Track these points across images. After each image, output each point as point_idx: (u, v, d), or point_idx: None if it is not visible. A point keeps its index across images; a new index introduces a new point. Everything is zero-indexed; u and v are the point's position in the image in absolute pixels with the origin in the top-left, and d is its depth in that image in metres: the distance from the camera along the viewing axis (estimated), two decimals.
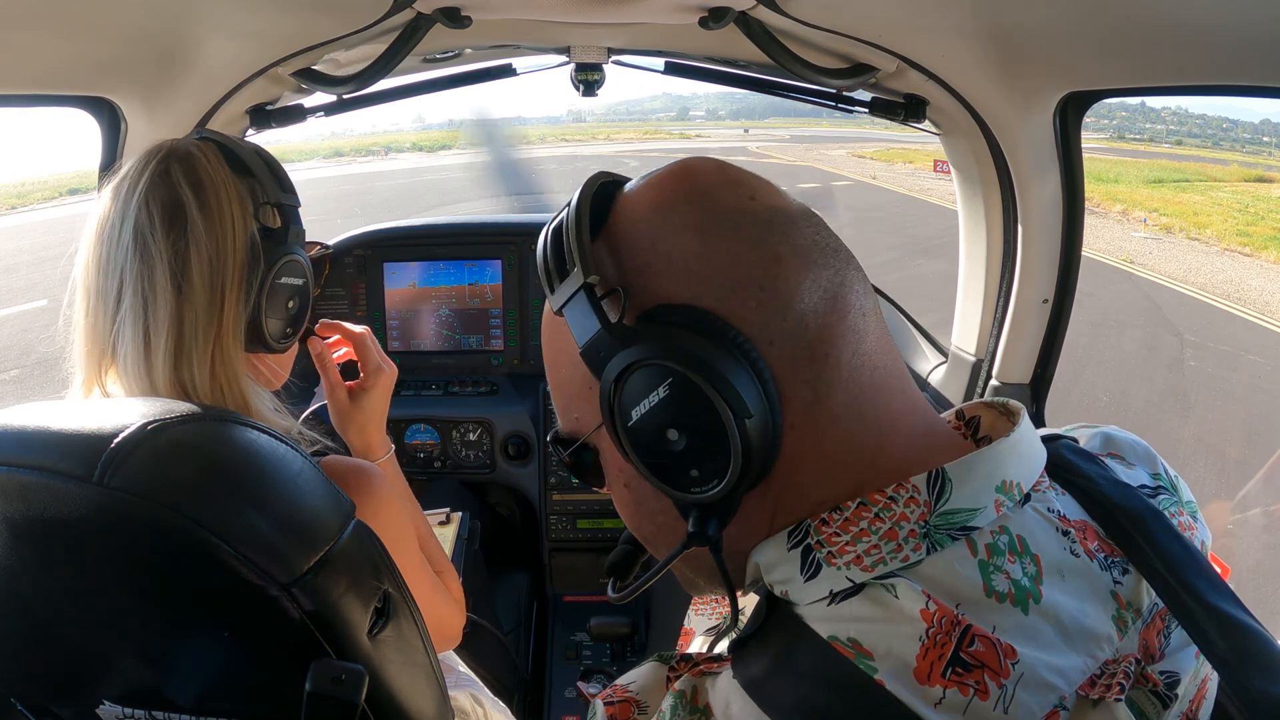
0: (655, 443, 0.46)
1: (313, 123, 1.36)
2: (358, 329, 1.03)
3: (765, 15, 1.01)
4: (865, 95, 1.30)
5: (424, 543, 0.97)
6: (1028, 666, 0.41)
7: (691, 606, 0.97)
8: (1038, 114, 1.09)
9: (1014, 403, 0.51)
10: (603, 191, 0.50)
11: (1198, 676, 0.49)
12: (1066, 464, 0.51)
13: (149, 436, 0.57)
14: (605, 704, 0.49)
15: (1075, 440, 0.55)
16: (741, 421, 0.43)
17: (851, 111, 1.38)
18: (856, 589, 0.44)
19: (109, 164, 1.11)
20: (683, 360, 0.43)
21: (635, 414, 0.45)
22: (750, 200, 0.47)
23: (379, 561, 0.67)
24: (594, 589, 1.80)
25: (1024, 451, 0.47)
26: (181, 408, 0.61)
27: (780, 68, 1.12)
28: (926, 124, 1.26)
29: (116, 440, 0.56)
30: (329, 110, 1.35)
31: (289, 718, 0.60)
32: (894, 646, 0.41)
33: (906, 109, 1.22)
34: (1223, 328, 6.47)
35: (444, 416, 1.73)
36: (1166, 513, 0.49)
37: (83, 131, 1.11)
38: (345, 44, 1.09)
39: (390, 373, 1.02)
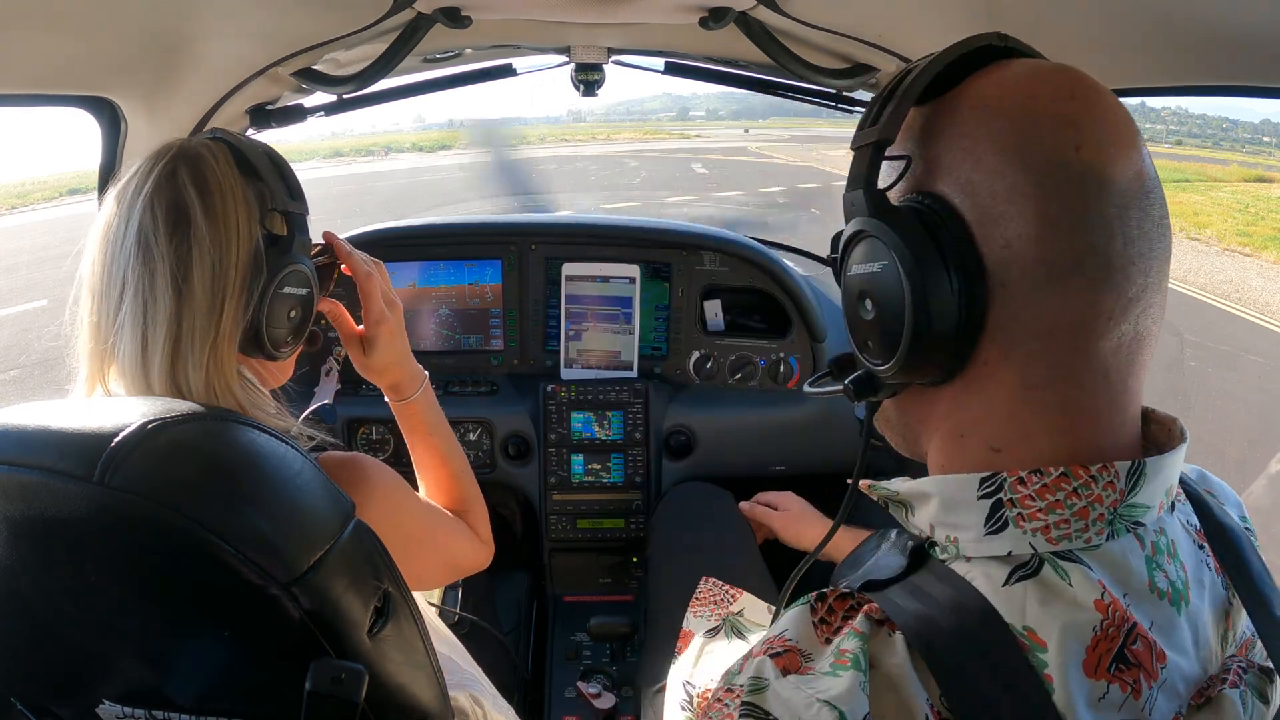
0: (854, 300, 0.49)
1: (313, 123, 1.36)
2: (365, 268, 0.96)
3: (765, 15, 1.01)
4: (865, 95, 1.30)
5: (456, 475, 0.98)
6: (1170, 672, 0.42)
7: (690, 608, 0.97)
8: None
9: (1165, 412, 0.50)
10: (983, 54, 0.48)
11: None
12: (1184, 486, 0.51)
13: (149, 436, 0.57)
14: (771, 656, 0.47)
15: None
16: (919, 334, 0.44)
17: (851, 111, 1.38)
18: (1031, 572, 0.43)
19: (109, 164, 1.11)
20: (901, 253, 0.45)
21: (852, 268, 0.49)
22: (1074, 150, 0.43)
23: (379, 561, 0.67)
24: (594, 589, 1.80)
25: (1181, 464, 0.48)
26: (182, 407, 0.61)
27: (780, 68, 1.12)
28: None
29: (117, 440, 0.56)
30: (329, 110, 1.35)
31: (289, 717, 0.60)
32: (1067, 635, 0.41)
33: None
34: (1223, 328, 6.47)
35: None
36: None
37: (83, 131, 1.11)
38: (345, 44, 1.09)
39: (396, 312, 0.97)
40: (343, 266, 0.97)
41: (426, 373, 1.01)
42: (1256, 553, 0.49)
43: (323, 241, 0.93)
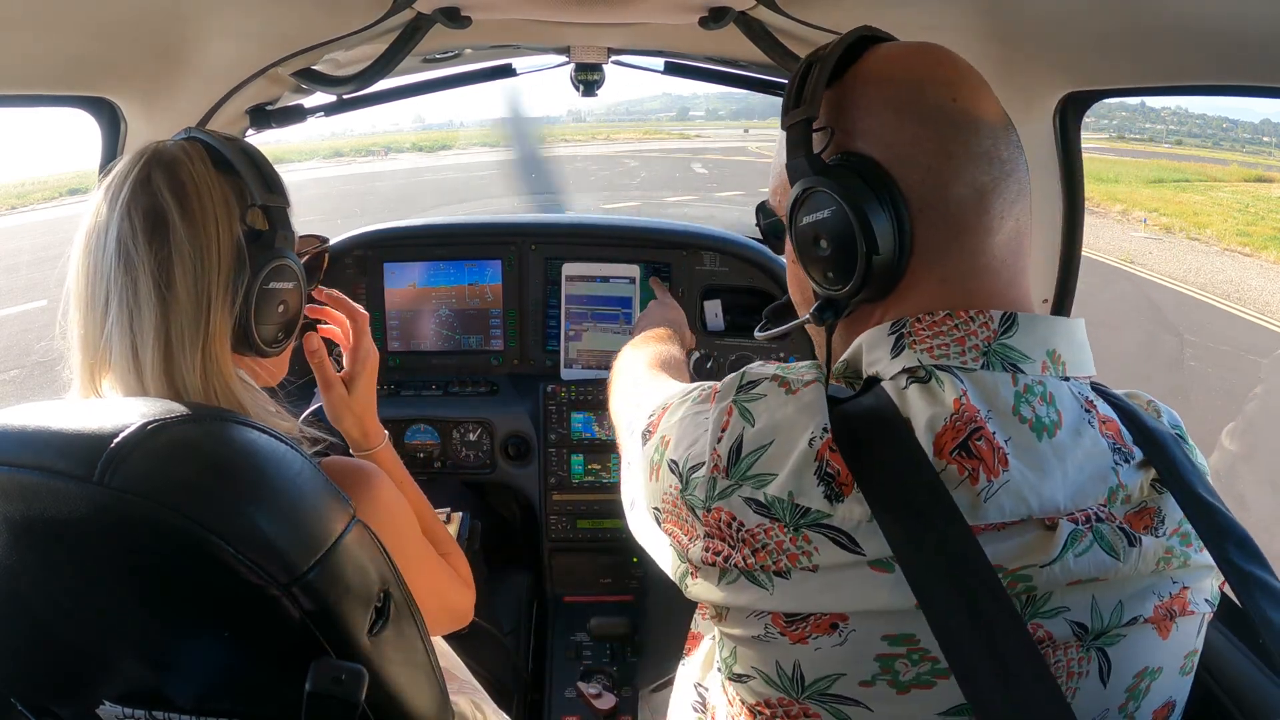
0: (810, 244, 0.62)
1: (313, 123, 1.36)
2: (361, 309, 1.00)
3: (765, 15, 1.01)
4: None
5: (429, 525, 0.97)
6: (1014, 479, 0.53)
7: (699, 610, 0.97)
8: (1038, 114, 1.09)
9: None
10: (858, 46, 0.63)
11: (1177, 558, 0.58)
12: (1108, 391, 0.62)
13: (149, 436, 0.57)
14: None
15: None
16: (870, 256, 0.58)
17: None
18: (919, 380, 0.56)
19: (109, 165, 1.11)
20: (846, 198, 0.58)
21: (804, 219, 0.62)
22: (950, 101, 0.59)
23: (379, 561, 0.67)
24: (594, 589, 1.80)
25: (1075, 341, 0.59)
26: (181, 407, 0.61)
27: (780, 68, 1.12)
28: None
29: (116, 440, 0.56)
30: (329, 110, 1.35)
31: (289, 718, 0.60)
32: (927, 419, 0.54)
33: None
34: (1223, 328, 6.46)
35: (444, 416, 1.73)
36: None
37: (83, 131, 1.10)
38: (345, 44, 1.09)
39: (376, 356, 1.00)
40: (333, 308, 0.99)
41: (386, 432, 1.02)
42: (1183, 450, 0.59)
43: (314, 236, 0.93)
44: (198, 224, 0.73)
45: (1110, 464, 0.57)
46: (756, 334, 0.82)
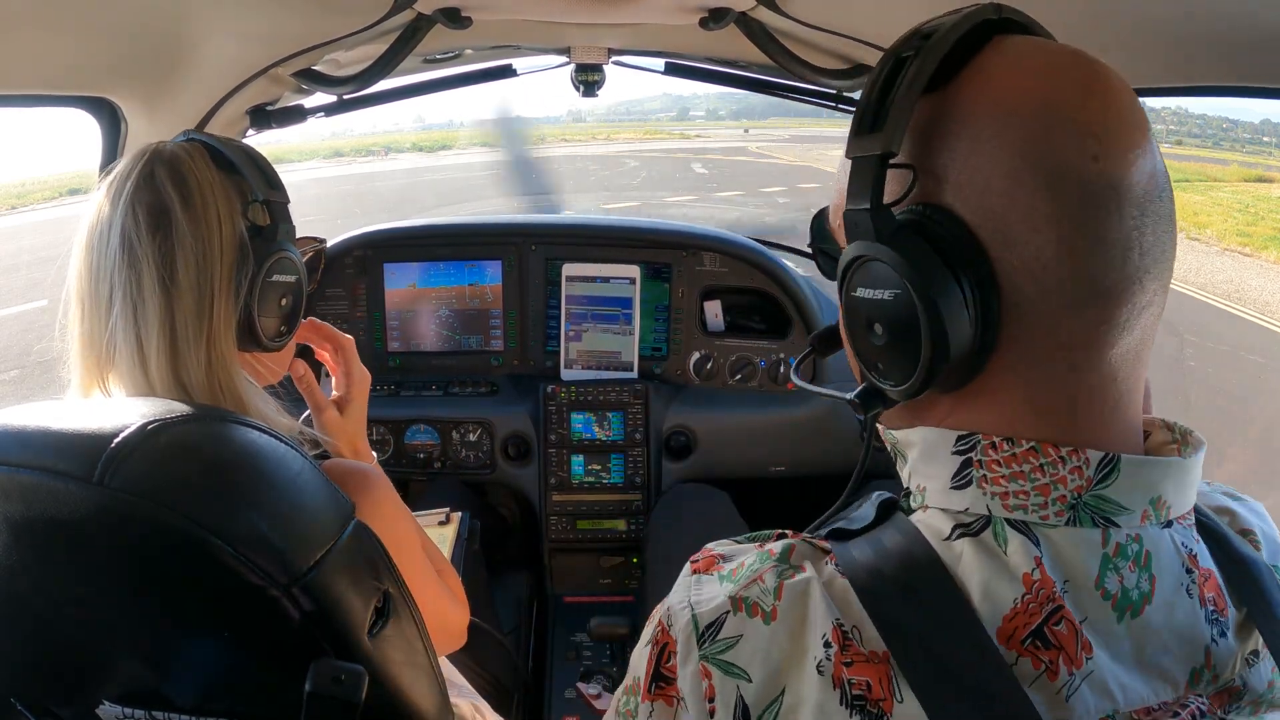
0: (862, 326, 0.47)
1: (313, 123, 1.36)
2: (346, 335, 1.01)
3: (765, 15, 1.01)
4: None
5: (423, 540, 0.97)
6: (1099, 667, 0.41)
7: None
8: None
9: (1196, 435, 0.48)
10: (981, 31, 0.44)
11: None
12: (1201, 512, 0.49)
13: (149, 437, 0.57)
14: (691, 563, 0.51)
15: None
16: (934, 361, 0.43)
17: (851, 112, 1.38)
18: (974, 531, 0.44)
19: (109, 165, 1.11)
20: (914, 282, 0.42)
21: (859, 291, 0.46)
22: (1092, 161, 0.41)
23: (379, 561, 0.67)
24: (594, 589, 1.80)
25: (1186, 482, 0.45)
26: (181, 408, 0.61)
27: (780, 68, 1.12)
28: None
29: (116, 440, 0.56)
30: (329, 110, 1.35)
31: (289, 718, 0.60)
32: (990, 596, 0.41)
33: None
34: (1223, 328, 6.46)
35: (444, 417, 1.73)
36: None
37: (83, 131, 1.11)
38: (345, 44, 1.09)
39: (368, 379, 1.00)
40: (321, 347, 0.99)
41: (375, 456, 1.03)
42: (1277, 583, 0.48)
43: (311, 238, 0.93)
44: (200, 217, 0.74)
45: (1207, 640, 0.44)
46: (795, 380, 0.68)
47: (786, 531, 0.52)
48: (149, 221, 0.72)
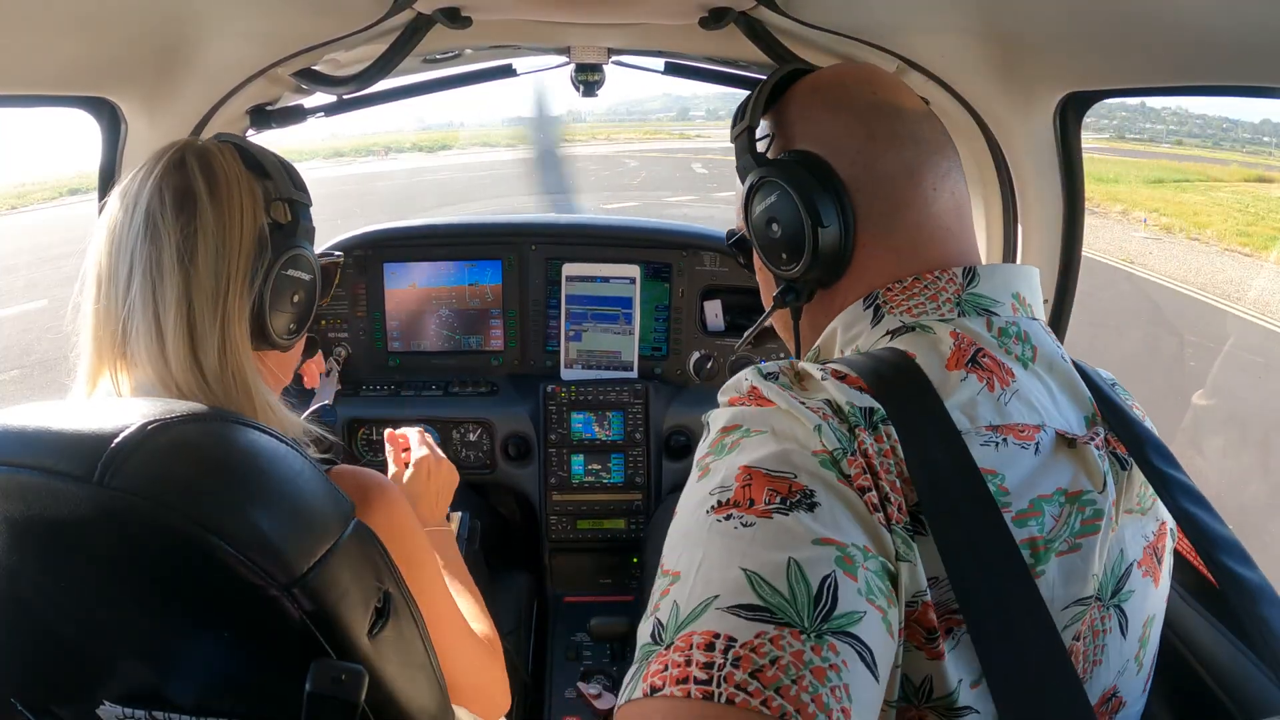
0: (764, 230, 0.68)
1: (313, 123, 1.36)
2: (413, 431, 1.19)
3: (765, 15, 1.01)
4: None
5: (468, 607, 0.95)
6: (1022, 386, 0.56)
7: None
8: (1038, 115, 1.09)
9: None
10: (790, 76, 0.71)
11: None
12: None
13: (149, 436, 0.57)
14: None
15: None
16: (816, 229, 0.63)
17: None
18: (905, 329, 0.59)
19: (109, 165, 1.11)
20: (788, 180, 0.64)
21: (756, 208, 0.68)
22: (873, 94, 0.66)
23: (379, 561, 0.67)
24: (594, 589, 1.80)
25: (1033, 288, 0.63)
26: (182, 407, 0.61)
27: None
28: None
29: (117, 440, 0.56)
30: (329, 110, 1.35)
31: (289, 718, 0.60)
32: (930, 353, 0.56)
33: None
34: (1223, 328, 6.46)
35: (444, 417, 1.73)
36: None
37: (83, 131, 1.11)
38: (345, 44, 1.09)
39: (456, 477, 1.18)
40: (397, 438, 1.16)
41: (452, 529, 1.13)
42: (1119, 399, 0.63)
43: (330, 254, 0.95)
44: (224, 206, 0.75)
45: (1087, 393, 0.60)
46: (736, 348, 0.88)
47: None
48: (175, 202, 0.73)
